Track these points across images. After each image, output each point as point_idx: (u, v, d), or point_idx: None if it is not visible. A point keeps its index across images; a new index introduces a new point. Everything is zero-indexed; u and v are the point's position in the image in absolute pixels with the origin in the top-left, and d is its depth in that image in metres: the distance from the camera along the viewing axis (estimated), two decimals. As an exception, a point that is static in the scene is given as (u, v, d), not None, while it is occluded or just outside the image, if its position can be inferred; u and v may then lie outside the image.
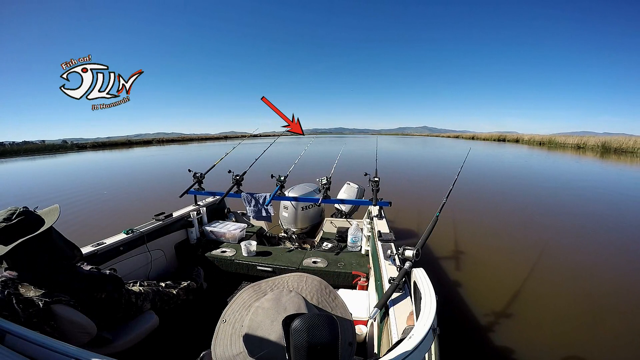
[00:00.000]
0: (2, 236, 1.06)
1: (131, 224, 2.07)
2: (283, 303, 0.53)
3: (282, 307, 0.52)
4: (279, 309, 0.51)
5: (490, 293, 2.64)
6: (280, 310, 0.51)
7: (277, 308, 0.52)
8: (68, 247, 1.27)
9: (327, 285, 0.64)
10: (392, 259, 1.49)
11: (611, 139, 22.83)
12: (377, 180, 2.37)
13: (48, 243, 1.18)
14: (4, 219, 1.08)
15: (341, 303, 0.62)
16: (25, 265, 1.11)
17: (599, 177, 9.28)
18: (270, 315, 0.50)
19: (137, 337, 1.41)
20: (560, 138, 29.35)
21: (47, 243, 1.17)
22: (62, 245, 1.24)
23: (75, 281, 1.23)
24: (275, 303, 0.53)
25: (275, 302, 0.53)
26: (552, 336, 2.13)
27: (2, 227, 1.06)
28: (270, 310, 0.51)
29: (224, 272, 2.19)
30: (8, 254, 1.05)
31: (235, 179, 2.63)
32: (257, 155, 3.02)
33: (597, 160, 14.72)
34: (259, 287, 0.61)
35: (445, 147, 26.38)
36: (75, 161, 19.40)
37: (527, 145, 31.34)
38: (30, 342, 0.74)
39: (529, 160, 14.68)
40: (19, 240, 1.07)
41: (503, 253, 3.54)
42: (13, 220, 1.09)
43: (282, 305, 0.52)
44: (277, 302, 0.53)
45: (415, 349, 0.70)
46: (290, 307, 0.52)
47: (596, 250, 3.60)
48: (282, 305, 0.52)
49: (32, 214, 1.17)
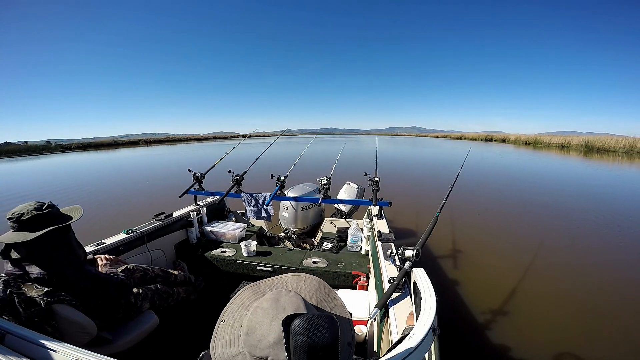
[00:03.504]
0: (32, 223, 1.11)
1: (131, 224, 2.07)
2: (282, 303, 0.52)
3: (281, 306, 0.52)
4: (278, 309, 0.51)
5: (490, 293, 2.64)
6: (279, 309, 0.51)
7: (276, 308, 0.51)
8: (78, 246, 1.33)
9: (326, 285, 0.64)
10: (392, 259, 1.49)
11: (594, 138, 22.97)
12: (377, 180, 2.37)
13: (67, 238, 1.24)
14: (34, 208, 1.13)
15: (340, 303, 0.62)
16: (42, 255, 1.14)
17: (598, 177, 9.29)
18: (269, 315, 0.50)
19: (137, 337, 1.42)
20: (545, 138, 29.49)
21: (67, 238, 1.24)
22: (75, 243, 1.30)
23: (81, 279, 1.25)
24: (274, 303, 0.52)
25: (274, 302, 0.53)
26: (552, 335, 2.13)
27: (35, 215, 1.12)
28: (269, 310, 0.51)
29: (223, 272, 2.19)
30: (31, 241, 1.09)
31: (235, 179, 2.63)
32: (257, 155, 3.02)
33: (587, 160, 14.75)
34: (257, 287, 0.61)
35: (438, 147, 26.33)
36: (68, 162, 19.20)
37: (513, 144, 31.34)
38: (30, 342, 0.75)
39: (527, 161, 14.69)
40: (51, 227, 1.13)
41: (503, 253, 3.54)
42: (44, 211, 1.15)
43: (280, 305, 0.52)
44: (276, 302, 0.53)
45: (415, 349, 0.70)
46: (289, 307, 0.52)
47: (595, 250, 3.60)
48: (281, 305, 0.52)
49: (58, 209, 1.24)
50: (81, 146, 44.04)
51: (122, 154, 24.85)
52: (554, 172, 10.61)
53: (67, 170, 13.54)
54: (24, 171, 14.63)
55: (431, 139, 54.13)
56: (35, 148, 40.97)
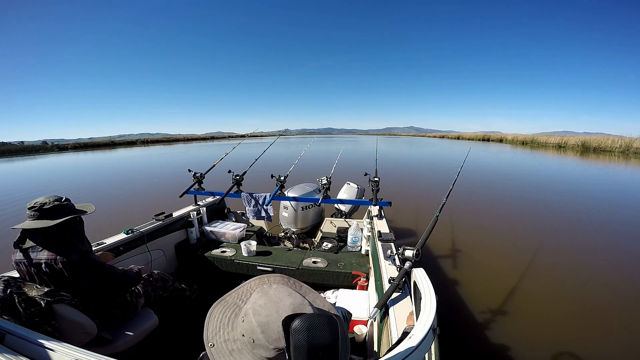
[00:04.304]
0: (52, 212, 1.23)
1: (131, 224, 2.07)
2: (273, 295, 0.53)
3: (276, 298, 0.52)
4: (275, 300, 0.51)
5: (490, 293, 2.64)
6: (277, 300, 0.51)
7: (272, 300, 0.52)
8: (87, 241, 1.45)
9: (290, 277, 0.65)
10: (392, 259, 1.49)
11: (590, 138, 22.94)
12: (377, 180, 2.37)
13: (79, 229, 1.37)
14: (55, 199, 1.26)
15: (309, 289, 0.63)
16: (58, 241, 1.23)
17: (596, 177, 9.29)
18: (272, 307, 0.50)
19: (137, 337, 1.41)
20: (542, 137, 29.43)
21: (79, 228, 1.37)
22: (84, 235, 1.42)
23: (88, 267, 1.29)
24: (267, 298, 0.52)
25: (266, 298, 0.53)
26: (552, 335, 2.13)
27: (56, 205, 1.24)
28: (268, 304, 0.51)
29: (223, 272, 2.19)
30: (49, 228, 1.20)
31: (235, 179, 2.63)
32: (257, 155, 3.02)
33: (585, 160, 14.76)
34: (225, 302, 0.60)
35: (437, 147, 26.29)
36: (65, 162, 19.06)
37: (511, 144, 31.28)
38: (30, 342, 0.75)
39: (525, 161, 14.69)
40: (70, 216, 1.26)
41: (503, 253, 3.54)
42: (63, 202, 1.28)
43: (274, 297, 0.52)
44: (267, 297, 0.53)
45: (415, 349, 0.70)
46: (283, 295, 0.52)
47: (595, 250, 3.59)
48: (274, 297, 0.52)
49: (73, 204, 1.36)
50: (78, 146, 43.67)
51: (120, 154, 24.77)
52: (553, 172, 10.61)
53: (65, 171, 13.50)
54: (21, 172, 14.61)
55: (429, 139, 54.21)
56: (32, 148, 40.44)
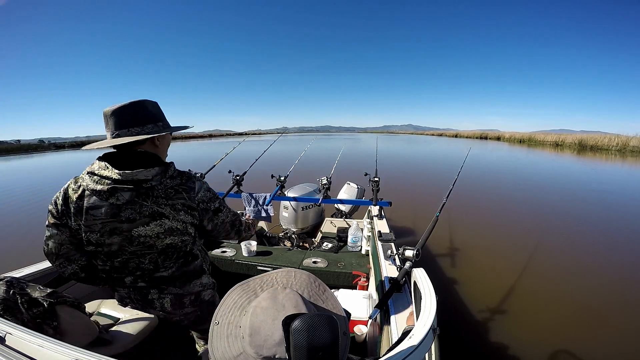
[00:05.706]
0: None
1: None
2: (280, 300, 0.53)
3: (280, 304, 0.52)
4: (278, 307, 0.51)
5: (490, 293, 2.64)
6: (280, 307, 0.51)
7: (275, 306, 0.52)
8: None
9: (316, 278, 0.64)
10: (392, 259, 1.49)
11: (587, 136, 23.00)
12: (377, 180, 2.37)
13: None
14: None
15: (331, 295, 0.62)
16: None
17: (595, 176, 9.29)
18: (271, 313, 0.51)
19: (137, 338, 1.41)
20: (540, 136, 29.46)
21: None
22: None
23: None
24: (272, 301, 0.53)
25: (272, 301, 0.53)
26: (552, 335, 2.13)
27: None
28: (270, 309, 0.51)
29: (223, 272, 2.19)
30: None
31: (236, 179, 2.63)
32: (258, 155, 3.02)
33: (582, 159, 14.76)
34: (247, 285, 0.61)
35: (436, 146, 26.29)
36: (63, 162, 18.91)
37: (508, 142, 31.28)
38: (31, 343, 0.75)
39: (524, 160, 14.68)
40: None
41: (503, 253, 3.54)
42: None
43: (280, 303, 0.52)
44: (274, 300, 0.53)
45: (415, 349, 0.70)
46: (288, 304, 0.52)
47: (595, 250, 3.60)
48: (280, 302, 0.52)
49: None
50: (75, 144, 43.45)
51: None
52: (552, 171, 10.61)
53: (63, 170, 13.48)
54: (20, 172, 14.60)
55: (427, 137, 54.25)
56: (28, 147, 40.08)
